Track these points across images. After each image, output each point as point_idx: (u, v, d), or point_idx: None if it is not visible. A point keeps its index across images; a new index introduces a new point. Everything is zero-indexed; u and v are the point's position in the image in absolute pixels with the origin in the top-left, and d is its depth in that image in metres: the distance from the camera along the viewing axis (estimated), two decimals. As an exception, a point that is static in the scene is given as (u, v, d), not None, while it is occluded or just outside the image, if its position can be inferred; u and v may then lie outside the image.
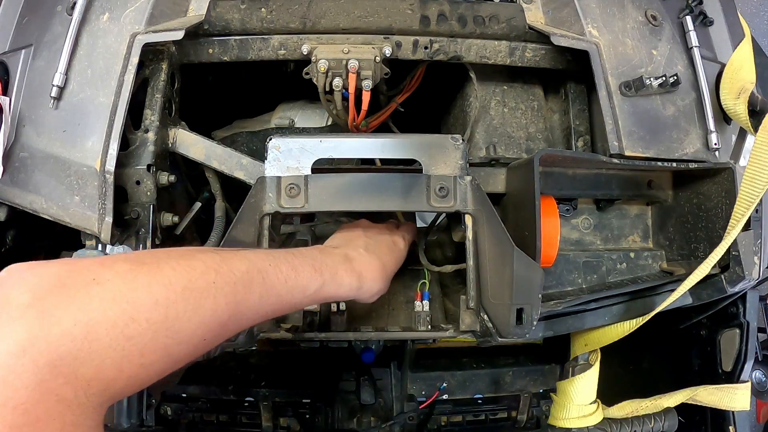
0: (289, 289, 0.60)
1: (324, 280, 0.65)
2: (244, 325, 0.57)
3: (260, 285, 0.56)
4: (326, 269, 0.66)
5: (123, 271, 0.45)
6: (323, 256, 0.69)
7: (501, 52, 0.85)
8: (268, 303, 0.58)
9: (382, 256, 0.76)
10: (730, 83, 0.85)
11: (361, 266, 0.72)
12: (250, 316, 0.56)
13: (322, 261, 0.67)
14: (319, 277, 0.65)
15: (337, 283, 0.67)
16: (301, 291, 0.62)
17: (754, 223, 0.79)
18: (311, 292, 0.64)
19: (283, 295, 0.60)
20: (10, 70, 0.79)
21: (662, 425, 0.92)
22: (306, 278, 0.63)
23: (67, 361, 0.40)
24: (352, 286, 0.70)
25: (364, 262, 0.72)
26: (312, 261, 0.65)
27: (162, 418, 1.14)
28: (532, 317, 0.70)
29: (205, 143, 0.83)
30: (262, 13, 0.80)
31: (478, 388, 1.21)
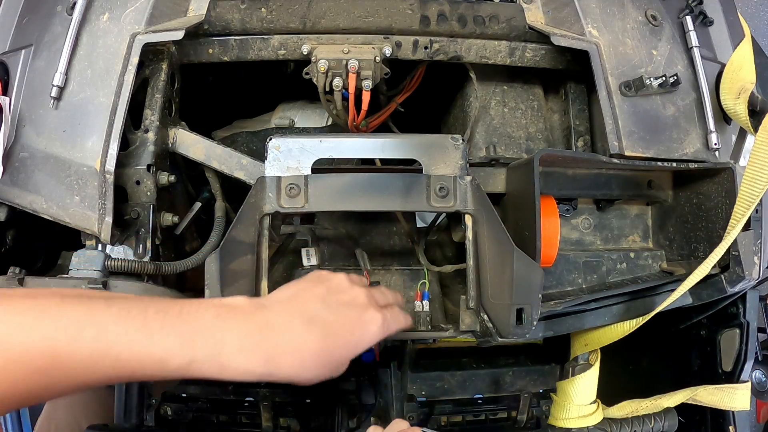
0: (134, 355, 0.48)
1: (194, 356, 0.50)
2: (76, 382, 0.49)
3: (91, 341, 0.47)
4: (203, 342, 0.50)
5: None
6: (216, 319, 0.52)
7: (501, 52, 0.85)
8: (104, 364, 0.48)
9: (332, 336, 0.56)
10: (730, 83, 0.85)
11: (279, 347, 0.53)
12: (82, 372, 0.48)
13: (207, 327, 0.51)
14: (187, 352, 0.50)
15: (218, 363, 0.51)
16: (156, 363, 0.49)
17: (754, 223, 0.79)
18: (173, 367, 0.50)
19: (125, 359, 0.48)
20: (10, 70, 0.79)
21: (662, 425, 0.92)
22: (163, 348, 0.49)
23: None
24: (248, 371, 0.52)
25: (286, 342, 0.54)
26: (187, 326, 0.51)
27: (162, 418, 1.14)
28: (532, 317, 0.70)
29: (205, 143, 0.83)
30: (262, 13, 0.80)
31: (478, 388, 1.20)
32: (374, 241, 0.98)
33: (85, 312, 0.48)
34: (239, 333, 0.52)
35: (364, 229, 0.98)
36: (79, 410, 1.06)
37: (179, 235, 0.86)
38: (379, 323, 0.60)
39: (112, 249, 0.77)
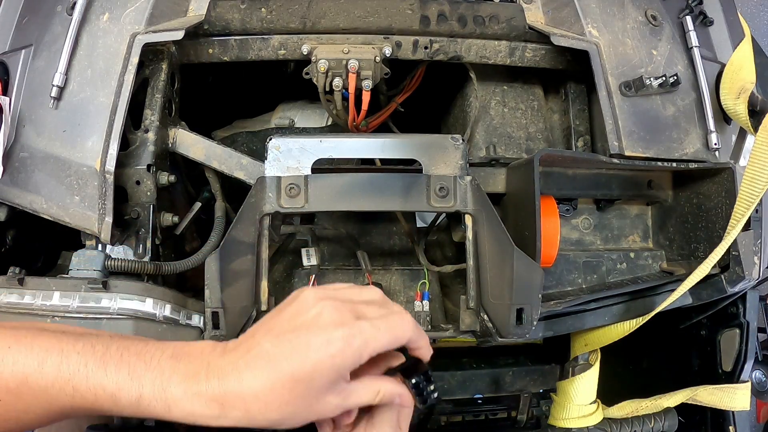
0: (90, 387, 0.50)
1: (142, 393, 0.49)
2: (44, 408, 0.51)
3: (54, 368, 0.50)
4: (152, 378, 0.49)
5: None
6: (166, 361, 0.51)
7: (501, 52, 0.85)
8: (64, 393, 0.50)
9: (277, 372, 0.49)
10: (730, 83, 0.85)
11: (222, 391, 0.49)
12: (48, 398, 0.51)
13: (157, 365, 0.50)
14: (136, 388, 0.49)
15: (164, 403, 0.49)
16: (108, 397, 0.49)
17: (754, 223, 0.79)
18: (124, 403, 0.49)
19: (83, 391, 0.50)
20: (10, 70, 0.78)
21: (662, 425, 0.92)
22: (114, 384, 0.49)
23: None
24: (195, 413, 0.50)
25: (229, 386, 0.49)
26: (140, 362, 0.50)
27: (162, 418, 1.14)
28: (532, 317, 0.70)
29: (205, 143, 0.83)
30: (262, 13, 0.80)
31: (478, 388, 1.20)
32: (374, 241, 0.98)
33: (54, 343, 0.51)
34: (186, 374, 0.50)
35: (364, 229, 0.98)
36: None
37: (179, 235, 0.86)
38: (338, 344, 0.49)
39: (112, 249, 0.77)
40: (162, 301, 0.74)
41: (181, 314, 0.76)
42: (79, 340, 0.52)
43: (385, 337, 0.51)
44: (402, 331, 0.53)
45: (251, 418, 0.50)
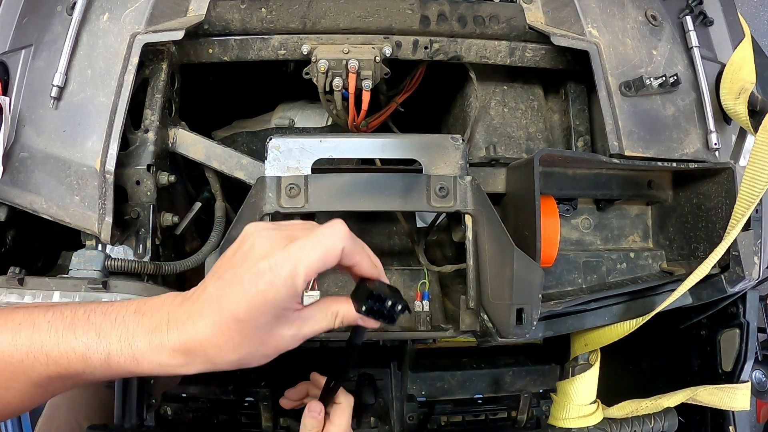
0: (62, 351, 0.51)
1: (110, 349, 0.50)
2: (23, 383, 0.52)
3: (27, 338, 0.51)
4: (118, 334, 0.51)
5: None
6: (130, 316, 0.52)
7: (501, 52, 0.85)
8: (39, 362, 0.51)
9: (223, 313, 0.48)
10: (730, 83, 0.85)
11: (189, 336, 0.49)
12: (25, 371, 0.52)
13: (122, 321, 0.51)
14: (104, 345, 0.50)
15: (133, 356, 0.50)
16: (79, 359, 0.51)
17: (754, 223, 0.79)
18: (95, 363, 0.51)
19: (55, 357, 0.51)
20: (10, 70, 0.78)
21: (662, 425, 0.92)
22: (83, 343, 0.51)
23: None
24: (162, 363, 0.51)
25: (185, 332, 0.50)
26: (107, 321, 0.51)
27: (162, 418, 1.14)
28: (532, 317, 0.70)
29: (205, 143, 0.83)
30: (262, 13, 0.80)
31: (478, 388, 1.21)
32: (374, 241, 0.98)
33: (26, 316, 0.53)
34: (149, 328, 0.51)
35: (364, 229, 0.98)
36: (79, 411, 1.06)
37: (179, 235, 0.86)
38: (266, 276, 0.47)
39: (112, 249, 0.77)
40: (162, 301, 0.73)
41: (181, 314, 0.76)
42: (49, 310, 0.53)
43: (315, 254, 0.48)
44: (332, 243, 0.49)
45: (214, 363, 0.50)
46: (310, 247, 0.48)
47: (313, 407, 0.65)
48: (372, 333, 0.82)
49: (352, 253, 0.51)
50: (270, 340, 0.50)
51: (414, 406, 1.16)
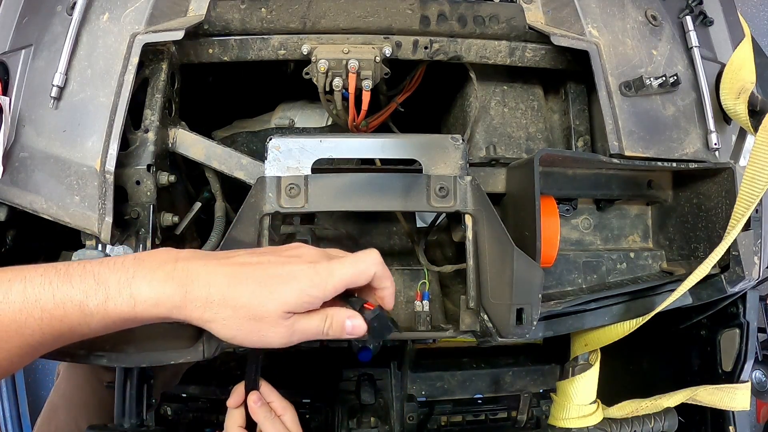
0: (57, 301, 0.51)
1: (108, 293, 0.51)
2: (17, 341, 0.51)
3: (20, 294, 0.51)
4: (117, 278, 0.51)
5: None
6: (130, 261, 0.53)
7: (501, 52, 0.85)
8: (33, 317, 0.51)
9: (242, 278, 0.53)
10: (730, 83, 0.85)
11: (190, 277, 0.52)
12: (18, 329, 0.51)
13: (120, 267, 0.52)
14: (102, 290, 0.51)
15: (128, 296, 0.51)
16: (76, 307, 0.51)
17: (754, 223, 0.79)
18: (92, 309, 0.51)
19: (50, 308, 0.50)
20: (10, 70, 0.78)
21: (662, 425, 0.92)
22: (80, 290, 0.51)
23: None
24: (159, 303, 0.51)
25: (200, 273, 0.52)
26: (103, 269, 0.52)
27: (162, 418, 1.14)
28: (532, 317, 0.70)
29: (205, 143, 0.83)
30: (262, 13, 0.80)
31: (478, 388, 1.21)
32: (374, 241, 0.98)
33: (16, 273, 0.52)
34: (151, 265, 0.52)
35: (364, 229, 0.99)
36: (79, 411, 1.06)
37: (179, 235, 0.86)
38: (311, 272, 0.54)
39: (112, 249, 0.77)
40: (162, 301, 0.73)
41: (181, 314, 0.76)
42: (40, 266, 0.53)
43: (351, 270, 0.56)
44: (366, 266, 0.57)
45: (209, 317, 0.52)
46: (349, 264, 0.56)
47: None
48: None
49: (382, 278, 0.59)
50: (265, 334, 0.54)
51: (414, 406, 1.16)
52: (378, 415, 1.15)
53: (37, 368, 2.14)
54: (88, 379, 1.07)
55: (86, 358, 0.76)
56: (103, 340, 0.76)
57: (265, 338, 0.55)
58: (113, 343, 0.76)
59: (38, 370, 2.15)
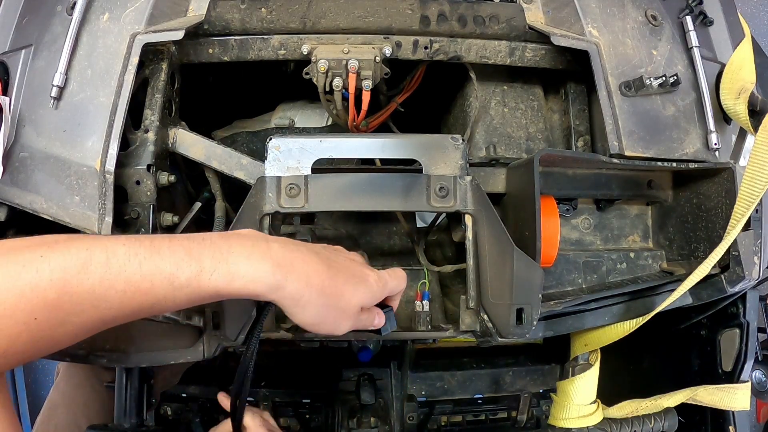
0: (145, 274, 0.49)
1: (202, 267, 0.51)
2: (90, 314, 0.50)
3: (101, 265, 0.48)
4: (211, 253, 0.52)
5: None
6: (220, 238, 0.54)
7: (501, 52, 0.85)
8: (115, 289, 0.49)
9: (335, 268, 0.58)
10: (730, 83, 0.85)
11: (287, 258, 0.54)
12: (94, 303, 0.49)
13: (212, 243, 0.53)
14: (195, 263, 0.51)
15: (226, 271, 0.52)
16: (165, 279, 0.50)
17: (754, 223, 0.79)
18: (182, 282, 0.50)
19: (136, 281, 0.49)
20: (10, 70, 0.78)
21: (662, 425, 0.92)
22: (171, 263, 0.50)
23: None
24: (257, 279, 0.53)
25: (296, 256, 0.55)
26: (193, 244, 0.52)
27: (162, 418, 1.14)
28: (532, 317, 0.70)
29: (205, 143, 0.83)
30: (262, 13, 0.80)
31: (478, 388, 1.21)
32: (374, 241, 0.98)
33: (93, 241, 0.49)
34: (246, 244, 0.54)
35: (364, 229, 0.99)
36: (79, 409, 1.06)
37: (179, 235, 0.86)
38: (375, 277, 0.63)
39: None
40: (162, 301, 0.73)
41: (181, 314, 0.76)
42: (119, 237, 0.51)
43: (396, 283, 0.66)
44: (402, 281, 0.68)
45: (302, 294, 0.55)
46: (397, 279, 0.67)
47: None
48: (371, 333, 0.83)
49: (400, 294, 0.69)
50: (342, 319, 0.60)
51: (414, 406, 1.16)
52: (378, 415, 1.15)
53: (38, 368, 2.14)
54: (88, 377, 1.08)
55: (86, 358, 0.76)
56: (103, 340, 0.77)
57: (338, 328, 0.60)
58: (113, 343, 0.76)
59: (38, 370, 2.15)
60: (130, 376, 0.85)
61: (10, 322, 0.46)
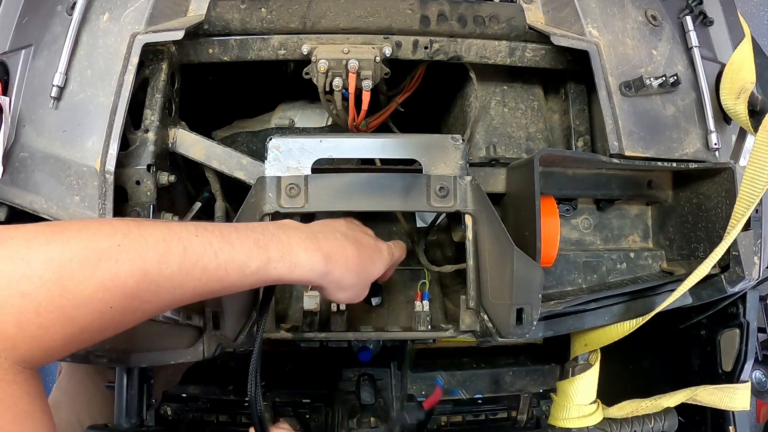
0: (221, 263, 0.53)
1: (270, 257, 0.56)
2: (166, 301, 0.52)
3: (179, 255, 0.51)
4: (275, 245, 0.58)
5: (26, 231, 0.46)
6: (276, 229, 0.60)
7: (501, 52, 0.85)
8: (192, 277, 0.52)
9: (363, 249, 0.67)
10: (730, 83, 0.85)
11: (332, 248, 0.62)
12: (171, 290, 0.51)
13: (273, 235, 0.58)
14: (263, 254, 0.56)
15: (290, 261, 0.58)
16: (237, 268, 0.54)
17: (754, 223, 0.79)
18: (252, 270, 0.55)
19: (212, 269, 0.53)
20: (10, 70, 0.78)
21: (662, 425, 0.92)
22: (244, 253, 0.55)
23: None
24: (313, 268, 0.60)
25: (337, 246, 0.63)
26: (257, 235, 0.57)
27: (162, 418, 1.14)
28: (532, 317, 0.70)
29: (205, 143, 0.83)
30: (262, 13, 0.80)
31: (478, 388, 1.21)
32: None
33: (167, 231, 0.51)
34: (300, 237, 0.60)
35: (364, 229, 0.98)
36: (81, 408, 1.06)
37: (179, 235, 0.86)
38: (386, 249, 0.72)
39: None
40: (162, 301, 0.74)
41: (181, 314, 0.76)
42: (186, 225, 0.54)
43: (399, 253, 0.75)
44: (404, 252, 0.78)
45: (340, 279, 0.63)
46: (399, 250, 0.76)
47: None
48: (373, 332, 0.83)
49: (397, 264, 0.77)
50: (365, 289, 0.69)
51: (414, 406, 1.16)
52: (378, 415, 1.16)
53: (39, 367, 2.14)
54: (90, 376, 1.08)
55: (86, 358, 0.76)
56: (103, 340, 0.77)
57: (359, 297, 0.69)
58: (113, 343, 0.76)
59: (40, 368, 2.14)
60: (130, 376, 0.85)
61: (85, 312, 0.47)
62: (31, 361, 0.47)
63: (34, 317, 0.45)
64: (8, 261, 0.44)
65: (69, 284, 0.45)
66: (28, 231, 0.46)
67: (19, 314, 0.44)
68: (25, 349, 0.45)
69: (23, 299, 0.44)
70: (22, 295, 0.44)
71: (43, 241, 0.46)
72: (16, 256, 0.44)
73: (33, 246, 0.45)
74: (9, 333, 0.44)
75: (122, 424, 0.84)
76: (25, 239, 0.45)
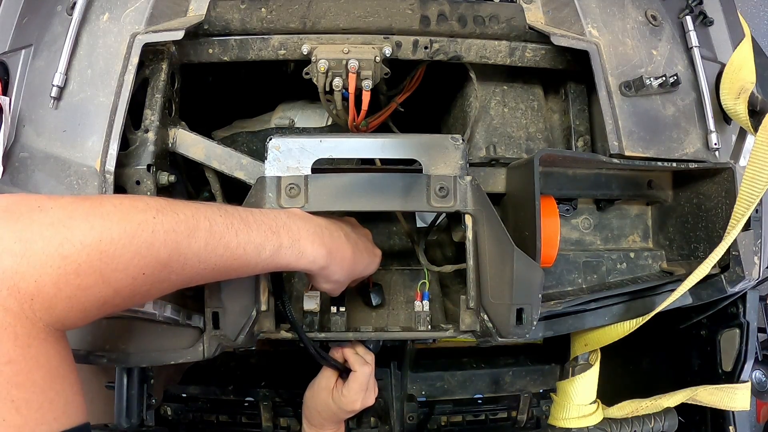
0: (240, 242, 0.58)
1: (281, 243, 0.61)
2: (190, 275, 0.56)
3: (206, 231, 0.55)
4: (286, 232, 0.62)
5: (66, 202, 0.49)
6: (288, 218, 0.65)
7: (501, 52, 0.85)
8: (216, 253, 0.56)
9: (358, 252, 0.73)
10: (730, 83, 0.85)
11: (334, 246, 0.68)
12: (196, 264, 0.55)
13: (285, 223, 0.63)
14: (276, 239, 0.61)
15: (298, 250, 0.63)
16: (255, 249, 0.59)
17: (754, 223, 0.79)
18: (267, 254, 0.60)
19: (233, 248, 0.57)
20: (10, 70, 0.79)
21: (662, 425, 0.92)
22: (260, 236, 0.60)
23: (9, 275, 0.44)
24: (315, 260, 0.65)
25: (339, 244, 0.69)
26: (271, 221, 0.62)
27: (162, 418, 1.14)
28: (532, 317, 0.70)
29: (205, 143, 0.83)
30: (262, 13, 0.80)
31: (478, 388, 1.21)
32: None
33: (194, 209, 0.56)
34: (309, 230, 0.65)
35: (364, 229, 0.98)
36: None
37: (179, 235, 0.86)
38: (379, 252, 0.80)
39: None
40: (162, 302, 0.74)
41: (181, 314, 0.76)
42: (210, 206, 0.58)
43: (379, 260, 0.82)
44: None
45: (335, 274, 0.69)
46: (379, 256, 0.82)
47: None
48: (373, 332, 0.83)
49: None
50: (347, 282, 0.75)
51: (414, 406, 1.16)
52: (378, 415, 1.15)
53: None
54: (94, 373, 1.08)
55: (86, 358, 0.76)
56: (103, 340, 0.77)
57: (338, 292, 0.77)
58: (113, 343, 0.76)
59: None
60: (130, 376, 0.85)
61: (121, 276, 0.50)
62: (64, 321, 0.49)
63: (73, 278, 0.47)
64: (50, 227, 0.46)
65: (108, 249, 0.49)
66: (68, 201, 0.49)
67: (58, 275, 0.46)
68: (60, 309, 0.47)
69: (63, 261, 0.46)
70: (62, 257, 0.46)
71: (84, 211, 0.49)
72: (57, 224, 0.47)
73: (74, 215, 0.48)
74: (47, 293, 0.46)
75: (122, 424, 0.84)
76: (65, 209, 0.48)
